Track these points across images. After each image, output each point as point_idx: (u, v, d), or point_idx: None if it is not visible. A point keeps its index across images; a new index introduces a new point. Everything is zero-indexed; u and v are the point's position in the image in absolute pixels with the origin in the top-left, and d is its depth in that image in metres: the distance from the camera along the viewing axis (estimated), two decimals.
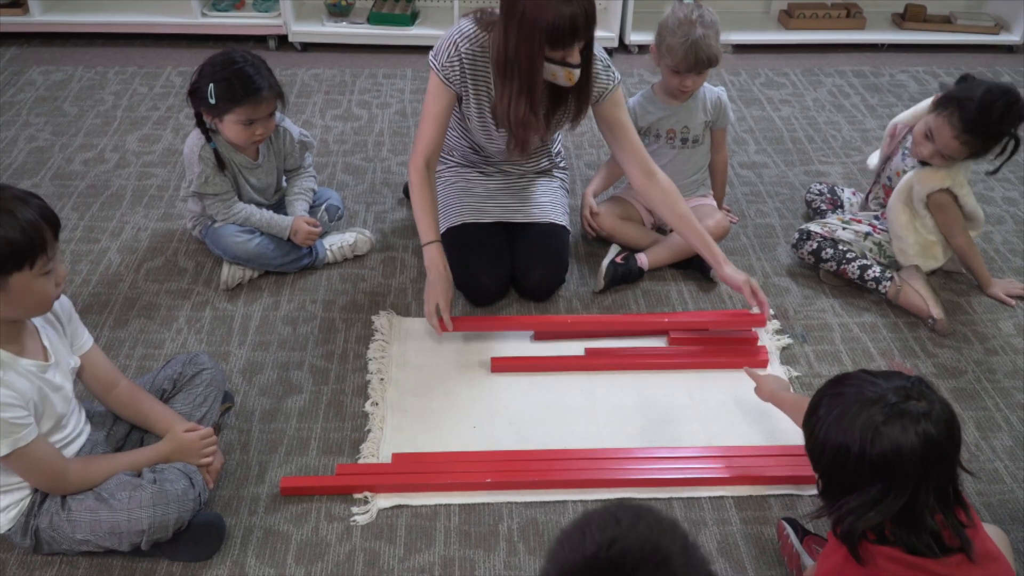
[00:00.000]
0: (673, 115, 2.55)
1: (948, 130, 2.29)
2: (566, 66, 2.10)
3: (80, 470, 1.65)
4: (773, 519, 1.86)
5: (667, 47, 2.39)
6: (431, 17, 4.10)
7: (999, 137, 2.29)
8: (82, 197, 2.85)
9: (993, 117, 2.24)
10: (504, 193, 2.51)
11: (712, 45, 2.37)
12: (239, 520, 1.82)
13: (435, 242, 2.26)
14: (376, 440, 2.01)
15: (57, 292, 1.60)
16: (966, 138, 2.27)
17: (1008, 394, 2.21)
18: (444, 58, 2.23)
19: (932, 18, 4.23)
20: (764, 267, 2.62)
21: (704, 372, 2.24)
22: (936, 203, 2.41)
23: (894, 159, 2.51)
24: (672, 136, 2.56)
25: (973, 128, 2.26)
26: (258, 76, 2.26)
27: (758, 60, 4.03)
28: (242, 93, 2.25)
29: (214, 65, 2.27)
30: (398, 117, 3.43)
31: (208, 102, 2.25)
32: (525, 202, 2.51)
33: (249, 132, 2.31)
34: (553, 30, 2.02)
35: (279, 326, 2.34)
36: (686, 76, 2.43)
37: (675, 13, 2.40)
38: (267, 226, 2.45)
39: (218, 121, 2.31)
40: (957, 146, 2.29)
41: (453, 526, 1.83)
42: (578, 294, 2.49)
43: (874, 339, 2.36)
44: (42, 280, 1.54)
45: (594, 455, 1.98)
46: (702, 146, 2.61)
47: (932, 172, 2.39)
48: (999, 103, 2.23)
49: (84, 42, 3.95)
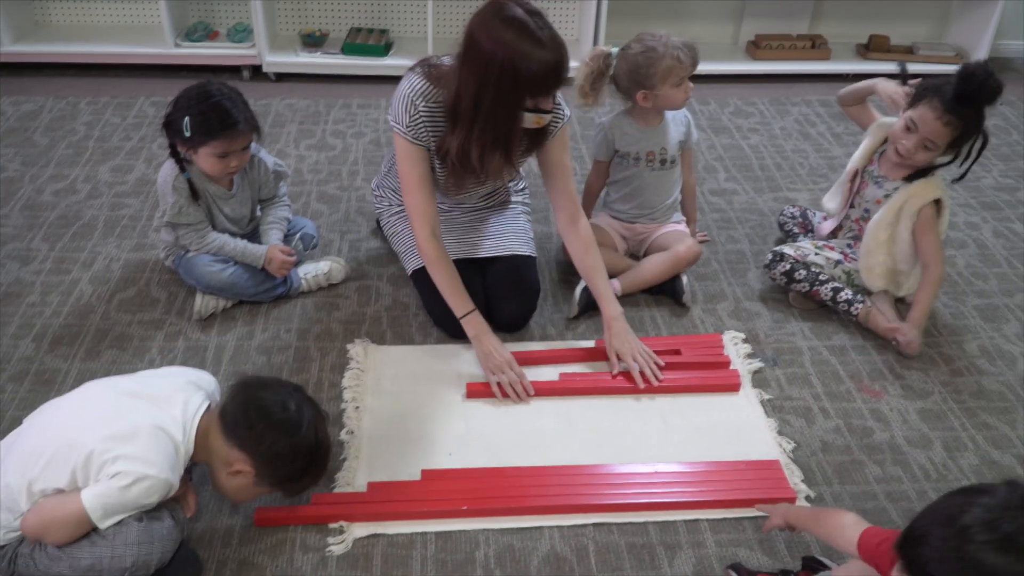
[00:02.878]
0: (652, 137, 2.57)
1: (931, 113, 2.30)
2: (539, 112, 2.08)
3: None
4: (748, 541, 1.87)
5: (663, 68, 2.39)
6: (405, 47, 4.14)
7: (979, 117, 2.31)
8: (52, 228, 2.83)
9: (974, 86, 2.25)
10: (464, 229, 2.51)
11: (686, 40, 2.42)
12: (212, 553, 1.81)
13: (474, 311, 2.26)
14: (351, 469, 2.01)
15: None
16: (949, 118, 2.29)
17: (974, 414, 2.24)
18: (407, 119, 2.16)
19: (895, 48, 4.33)
20: (735, 292, 2.66)
21: (678, 396, 2.26)
22: (925, 219, 2.41)
23: (865, 191, 2.55)
24: (652, 158, 2.58)
25: (955, 107, 2.28)
26: (235, 110, 2.26)
27: (727, 90, 4.10)
28: (218, 127, 2.25)
29: (190, 98, 2.26)
30: (372, 146, 3.45)
31: (183, 135, 2.25)
32: (487, 236, 2.50)
33: (224, 164, 2.32)
34: (537, 80, 1.97)
35: (253, 356, 2.34)
36: (687, 82, 2.45)
37: (635, 51, 2.41)
38: (241, 255, 2.45)
39: (193, 153, 2.31)
40: (941, 128, 2.31)
41: (429, 554, 1.83)
42: (552, 320, 2.51)
43: (843, 362, 2.40)
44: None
45: (570, 472, 1.99)
46: (677, 167, 2.65)
47: (923, 184, 2.42)
48: (979, 72, 2.25)
49: (55, 72, 3.95)
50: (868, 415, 2.23)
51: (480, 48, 1.97)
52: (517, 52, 1.94)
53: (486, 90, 2.00)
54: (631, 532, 1.89)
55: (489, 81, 1.98)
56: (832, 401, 2.27)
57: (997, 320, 2.59)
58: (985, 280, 2.77)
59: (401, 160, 2.23)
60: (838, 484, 2.02)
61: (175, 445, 1.64)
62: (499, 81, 1.97)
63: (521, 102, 2.03)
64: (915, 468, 2.08)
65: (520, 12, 1.95)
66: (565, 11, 4.27)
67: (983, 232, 3.03)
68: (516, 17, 1.95)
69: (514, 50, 1.94)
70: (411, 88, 2.17)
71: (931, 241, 2.44)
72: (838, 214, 2.64)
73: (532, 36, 1.94)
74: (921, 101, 2.34)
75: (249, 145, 2.36)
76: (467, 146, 2.11)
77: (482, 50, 1.97)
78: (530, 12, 1.97)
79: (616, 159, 2.61)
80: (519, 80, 1.97)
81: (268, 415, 1.67)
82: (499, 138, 2.09)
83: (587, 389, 2.27)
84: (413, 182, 2.23)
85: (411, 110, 2.16)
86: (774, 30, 4.37)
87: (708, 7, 4.37)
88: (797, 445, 2.13)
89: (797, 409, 2.24)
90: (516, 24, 1.94)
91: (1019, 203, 3.22)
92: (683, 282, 2.56)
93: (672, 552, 1.85)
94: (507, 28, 1.94)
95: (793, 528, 1.76)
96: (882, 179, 2.50)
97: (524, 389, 2.21)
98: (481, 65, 1.98)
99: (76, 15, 4.16)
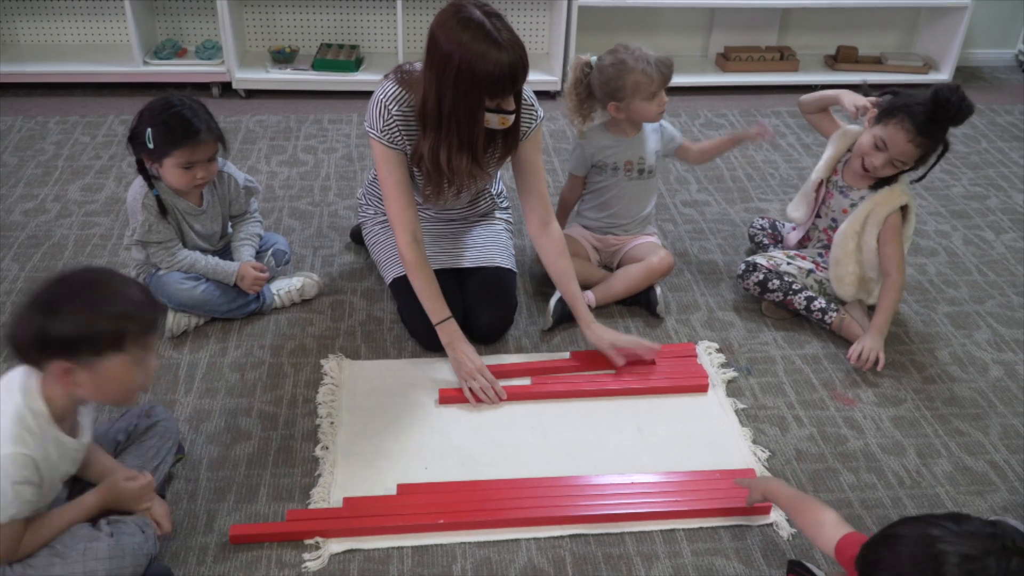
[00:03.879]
0: (629, 147, 2.58)
1: (902, 135, 2.32)
2: (501, 112, 2.10)
3: (31, 538, 1.61)
4: (724, 550, 1.88)
5: (634, 82, 2.40)
6: (376, 63, 4.14)
7: (944, 136, 2.35)
8: (23, 248, 2.80)
9: (950, 113, 2.28)
10: (446, 239, 2.52)
11: (661, 55, 2.43)
12: (187, 571, 1.79)
13: (449, 318, 2.28)
14: (327, 485, 1.99)
15: (145, 385, 1.62)
16: (920, 140, 2.32)
17: (946, 421, 2.26)
18: (381, 123, 2.19)
19: (863, 59, 4.38)
20: (708, 302, 2.67)
21: (651, 403, 2.27)
22: (891, 226, 2.43)
23: (831, 201, 2.57)
24: (630, 167, 2.59)
25: (926, 129, 2.31)
26: (196, 119, 2.25)
27: (697, 102, 4.13)
28: (180, 136, 2.23)
29: (152, 110, 2.26)
30: (344, 161, 3.44)
31: (147, 147, 2.24)
32: (468, 247, 2.52)
33: (189, 176, 2.30)
34: (493, 81, 2.00)
35: (226, 372, 2.32)
36: (661, 95, 2.46)
37: (608, 63, 2.43)
38: (213, 272, 2.43)
39: (158, 166, 2.29)
40: (912, 150, 2.34)
41: (406, 569, 1.82)
42: (527, 332, 2.51)
43: (816, 370, 2.41)
44: (134, 369, 1.56)
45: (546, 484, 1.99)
46: (654, 178, 2.66)
47: (889, 192, 2.44)
48: (953, 99, 2.27)
49: (23, 92, 3.91)
50: (842, 423, 2.24)
51: (440, 49, 2.01)
52: (474, 53, 1.97)
53: (446, 91, 2.04)
54: (608, 543, 1.89)
55: (448, 82, 2.02)
56: (806, 409, 2.28)
57: (968, 327, 2.62)
58: (956, 288, 2.80)
59: (379, 166, 2.25)
60: (813, 492, 2.03)
61: (16, 410, 1.54)
62: (457, 82, 2.01)
63: (480, 102, 2.05)
64: (889, 475, 2.09)
65: (478, 14, 1.99)
66: (536, 23, 4.29)
67: (953, 240, 3.07)
68: (473, 18, 1.98)
69: (471, 51, 1.97)
70: (384, 94, 2.19)
71: (894, 249, 2.45)
72: (804, 224, 2.66)
73: (489, 37, 1.97)
74: (891, 120, 2.35)
75: (215, 157, 2.34)
76: (436, 148, 2.14)
77: (441, 51, 2.00)
78: (488, 14, 2.00)
79: (593, 169, 2.62)
80: (476, 80, 2.00)
81: (36, 305, 1.52)
82: (463, 140, 2.12)
83: (559, 392, 2.28)
84: (391, 187, 2.25)
85: (384, 115, 2.18)
86: (743, 42, 4.41)
87: (678, 19, 4.41)
88: (772, 454, 2.13)
89: (771, 418, 2.25)
90: (474, 25, 1.98)
91: (988, 211, 3.26)
92: (657, 293, 2.57)
93: (649, 562, 1.85)
94: (465, 29, 1.98)
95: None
96: (847, 188, 2.52)
97: (496, 394, 2.23)
98: (441, 66, 2.02)
99: (43, 34, 4.12)
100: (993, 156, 3.70)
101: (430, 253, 2.42)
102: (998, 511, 2.00)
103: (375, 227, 2.57)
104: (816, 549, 1.85)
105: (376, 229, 2.56)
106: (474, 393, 2.23)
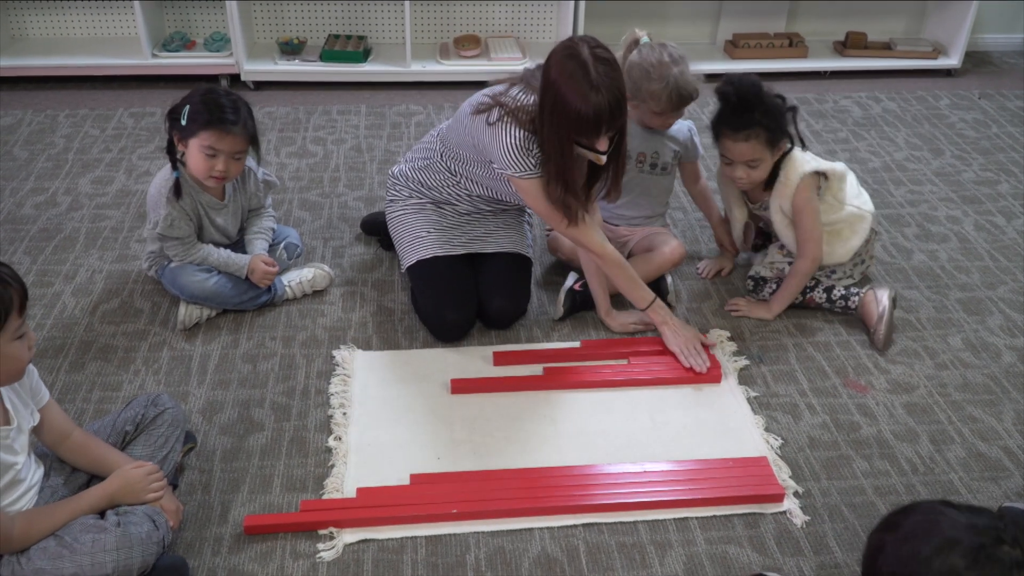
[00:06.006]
0: (647, 139, 2.56)
1: (728, 141, 2.39)
2: (594, 151, 2.10)
3: (24, 528, 1.61)
4: (738, 538, 1.88)
5: (648, 93, 2.38)
6: (384, 54, 4.13)
7: (765, 108, 2.36)
8: (34, 241, 2.81)
9: (733, 101, 2.36)
10: (473, 224, 2.51)
11: (690, 81, 2.39)
12: (202, 561, 1.80)
13: (656, 299, 2.38)
14: (340, 475, 2.00)
15: (29, 355, 1.60)
16: (744, 134, 2.35)
17: (960, 407, 2.26)
18: (533, 162, 2.17)
19: (873, 45, 4.35)
20: (720, 291, 2.67)
21: (664, 392, 2.27)
22: (801, 195, 2.41)
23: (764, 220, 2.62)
24: (642, 160, 2.58)
25: (736, 123, 2.36)
26: (233, 110, 2.27)
27: (706, 89, 4.09)
28: (213, 118, 2.25)
29: (198, 91, 2.30)
30: (353, 152, 3.44)
31: (180, 123, 2.26)
32: (493, 232, 2.51)
33: (210, 164, 2.29)
34: (580, 119, 2.01)
35: (239, 364, 2.33)
36: (670, 115, 2.47)
37: (645, 57, 2.39)
38: (224, 265, 2.44)
39: (184, 146, 2.30)
40: (746, 146, 2.36)
41: (420, 558, 1.83)
42: (538, 322, 2.51)
43: (828, 358, 2.41)
44: (16, 344, 1.55)
45: (559, 473, 2.00)
46: (669, 176, 2.64)
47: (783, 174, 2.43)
48: (729, 89, 2.38)
49: (33, 85, 3.92)
50: (854, 410, 2.24)
51: (547, 77, 2.05)
52: (569, 88, 2.00)
53: (545, 119, 2.08)
54: (621, 532, 1.89)
55: (546, 111, 2.07)
56: (818, 397, 2.28)
57: (981, 313, 2.61)
58: (968, 273, 2.79)
59: (541, 199, 2.23)
60: (826, 480, 2.03)
61: None
62: (552, 113, 2.05)
63: (568, 138, 2.07)
64: (903, 462, 2.09)
65: (586, 53, 2.00)
66: (543, 12, 4.27)
67: (964, 226, 3.05)
68: (580, 57, 2.00)
69: (567, 86, 2.00)
70: (514, 138, 2.16)
71: (809, 219, 2.43)
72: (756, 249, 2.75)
73: (587, 77, 1.98)
74: (717, 138, 2.43)
75: (243, 156, 2.34)
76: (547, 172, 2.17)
77: (547, 79, 2.05)
78: (597, 58, 2.00)
79: None
80: (566, 116, 2.02)
81: None
82: (558, 171, 2.14)
83: (572, 382, 2.29)
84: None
85: (532, 153, 2.17)
86: (751, 29, 4.39)
87: (686, 7, 4.39)
88: (784, 441, 2.13)
89: (784, 406, 2.25)
90: (578, 62, 2.00)
91: (1000, 196, 3.25)
92: (668, 282, 2.57)
93: (662, 551, 1.85)
94: (568, 63, 2.01)
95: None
96: (761, 203, 2.56)
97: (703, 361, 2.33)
98: (543, 93, 2.07)
99: (52, 28, 4.13)
100: (1003, 141, 3.68)
101: (448, 239, 2.44)
102: (1012, 497, 2.00)
103: (405, 208, 2.52)
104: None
105: (406, 210, 2.52)
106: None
